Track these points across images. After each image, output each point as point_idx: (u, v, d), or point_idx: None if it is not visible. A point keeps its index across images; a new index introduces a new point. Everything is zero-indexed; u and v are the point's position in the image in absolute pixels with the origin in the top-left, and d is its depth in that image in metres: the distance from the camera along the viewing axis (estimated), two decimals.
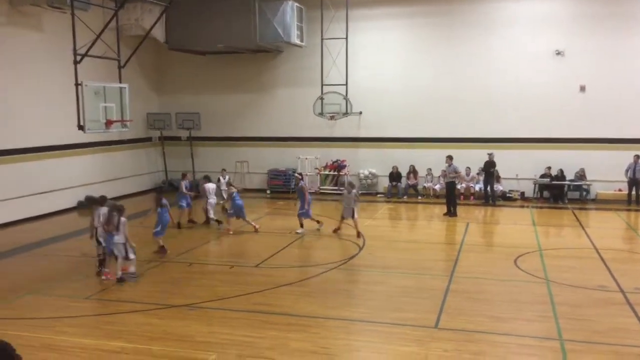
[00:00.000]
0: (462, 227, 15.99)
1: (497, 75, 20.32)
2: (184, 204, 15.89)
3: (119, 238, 10.94)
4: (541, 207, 19.20)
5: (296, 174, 18.44)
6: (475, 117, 20.56)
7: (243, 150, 22.90)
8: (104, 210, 11.35)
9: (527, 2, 20.06)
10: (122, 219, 11.00)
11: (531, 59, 19.98)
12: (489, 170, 19.29)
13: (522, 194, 20.38)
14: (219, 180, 17.25)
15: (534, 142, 20.15)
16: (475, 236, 15.10)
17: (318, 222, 15.39)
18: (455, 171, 17.74)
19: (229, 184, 16.65)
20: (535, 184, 20.23)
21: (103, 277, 11.20)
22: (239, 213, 15.04)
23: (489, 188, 19.53)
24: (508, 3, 20.23)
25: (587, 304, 9.62)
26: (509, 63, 20.19)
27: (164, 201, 12.91)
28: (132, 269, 11.21)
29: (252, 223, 15.18)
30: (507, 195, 20.24)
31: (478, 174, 20.22)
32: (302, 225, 15.13)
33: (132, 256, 11.09)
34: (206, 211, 15.97)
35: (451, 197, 17.73)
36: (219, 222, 15.88)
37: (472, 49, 20.50)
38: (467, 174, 20.52)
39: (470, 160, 20.25)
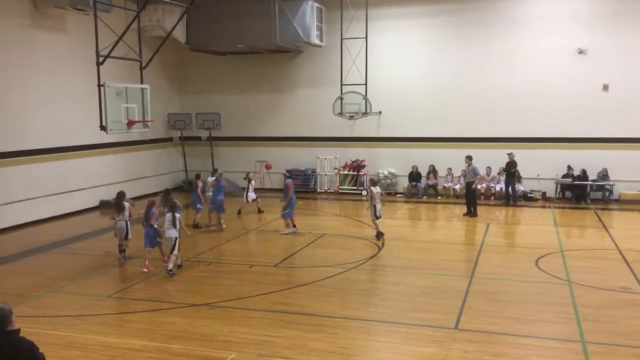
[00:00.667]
0: (483, 228, 15.87)
1: (518, 74, 20.12)
2: (199, 205, 15.88)
3: (173, 233, 11.44)
4: (563, 208, 18.97)
5: (284, 172, 18.32)
6: (496, 117, 20.39)
7: (263, 150, 22.99)
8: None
9: (548, 0, 19.83)
10: (177, 215, 11.54)
11: (553, 58, 19.75)
12: (510, 171, 19.10)
13: (544, 194, 20.15)
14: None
15: (555, 142, 19.92)
16: (496, 237, 14.98)
17: (294, 226, 15.18)
18: (475, 172, 17.52)
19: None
20: (557, 184, 20.00)
21: (144, 270, 11.66)
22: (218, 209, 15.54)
23: (510, 188, 19.34)
24: (529, 1, 20.03)
25: (610, 306, 9.50)
26: (531, 62, 19.98)
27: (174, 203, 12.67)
28: (169, 265, 11.52)
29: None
30: (529, 195, 20.03)
31: (499, 174, 20.04)
32: (294, 225, 15.14)
33: (176, 252, 11.54)
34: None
35: (471, 198, 17.58)
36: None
37: (492, 48, 20.33)
38: (488, 174, 20.38)
39: (491, 160, 20.11)
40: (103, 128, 13.25)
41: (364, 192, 21.33)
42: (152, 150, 22.36)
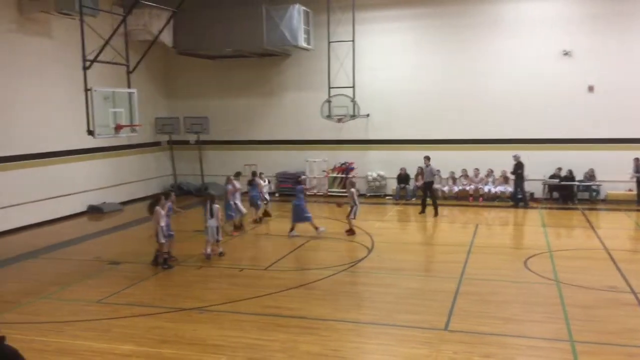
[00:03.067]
0: (472, 229, 15.95)
1: (504, 76, 20.28)
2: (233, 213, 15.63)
3: (212, 222, 12.61)
4: (551, 208, 19.13)
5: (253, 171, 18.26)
6: (482, 118, 20.52)
7: (252, 153, 22.96)
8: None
9: (533, 2, 20.02)
10: (215, 206, 12.64)
11: (538, 59, 19.93)
12: (518, 172, 19.14)
13: (532, 194, 20.29)
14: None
15: (542, 143, 20.08)
16: (484, 238, 15.05)
17: (241, 227, 15.89)
18: (432, 172, 18.17)
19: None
20: (544, 185, 20.16)
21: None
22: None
23: (518, 190, 19.32)
24: (514, 4, 20.20)
25: (598, 305, 9.58)
26: (516, 63, 20.14)
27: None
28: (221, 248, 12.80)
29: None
30: (517, 196, 20.14)
31: (506, 176, 20.00)
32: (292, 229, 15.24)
33: (220, 238, 12.88)
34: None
35: (431, 197, 18.12)
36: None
37: (478, 51, 20.48)
38: (476, 175, 20.51)
39: (479, 161, 20.29)
40: (90, 133, 13.20)
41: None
42: (140, 154, 22.26)
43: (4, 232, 15.63)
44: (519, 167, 19.06)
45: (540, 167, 19.96)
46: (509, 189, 20.07)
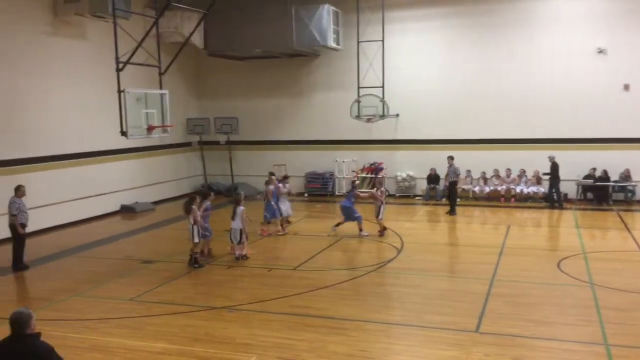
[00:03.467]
0: (503, 230, 15.75)
1: (537, 75, 19.93)
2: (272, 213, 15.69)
3: (235, 224, 12.53)
4: (585, 209, 18.75)
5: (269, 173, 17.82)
6: (514, 118, 20.22)
7: (281, 153, 23.05)
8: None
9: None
10: (240, 208, 12.59)
11: (572, 58, 19.54)
12: (555, 173, 18.84)
13: (565, 195, 19.92)
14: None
15: (576, 143, 19.68)
16: (516, 239, 14.84)
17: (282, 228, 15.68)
18: (456, 172, 18.10)
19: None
20: (578, 186, 19.78)
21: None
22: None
23: (553, 191, 19.02)
24: (546, 1, 19.86)
25: (634, 308, 9.37)
26: (549, 62, 19.78)
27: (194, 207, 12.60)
28: (244, 251, 12.76)
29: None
30: (552, 197, 19.80)
31: (542, 176, 19.71)
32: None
33: (244, 240, 12.72)
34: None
35: (453, 197, 18.14)
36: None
37: (510, 49, 20.17)
38: (508, 175, 20.23)
39: (511, 161, 20.00)
40: (123, 133, 13.41)
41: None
42: (172, 155, 22.56)
43: (40, 231, 15.98)
44: (554, 168, 18.74)
45: (574, 167, 19.56)
46: (542, 189, 19.76)
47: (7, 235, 12.85)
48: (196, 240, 12.29)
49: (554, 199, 19.00)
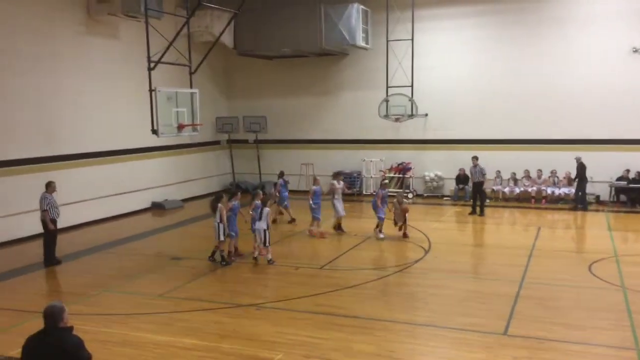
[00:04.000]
0: (533, 232, 15.53)
1: (569, 75, 19.58)
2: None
3: (261, 224, 12.36)
4: (617, 212, 18.36)
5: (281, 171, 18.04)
6: (545, 118, 19.90)
7: (308, 152, 23.12)
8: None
9: None
10: (266, 209, 12.45)
11: (606, 57, 19.13)
12: (582, 175, 18.51)
13: (597, 197, 19.54)
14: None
15: (609, 144, 19.28)
16: (547, 241, 14.62)
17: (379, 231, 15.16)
18: (482, 172, 17.89)
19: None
20: (611, 187, 19.38)
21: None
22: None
23: (580, 193, 18.69)
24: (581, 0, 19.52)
25: None
26: (582, 61, 19.41)
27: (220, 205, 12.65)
28: (269, 255, 12.52)
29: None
30: (578, 199, 19.44)
31: (570, 177, 19.39)
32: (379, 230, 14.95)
33: (268, 245, 12.46)
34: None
35: (480, 197, 17.94)
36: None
37: (542, 48, 19.85)
38: (539, 177, 19.92)
39: (542, 161, 19.67)
40: (154, 132, 13.58)
41: (410, 195, 21.20)
42: (201, 153, 22.81)
43: (72, 227, 16.32)
44: (581, 169, 18.41)
45: (606, 168, 19.19)
46: (573, 190, 19.41)
47: (40, 230, 13.13)
48: (222, 238, 12.40)
49: (578, 201, 18.68)
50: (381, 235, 14.86)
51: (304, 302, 10.02)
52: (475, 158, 18.01)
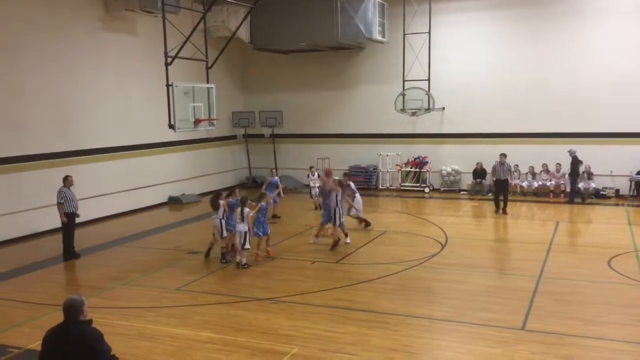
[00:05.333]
0: (552, 226, 15.38)
1: (589, 68, 19.30)
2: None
3: (242, 227, 11.76)
4: (638, 206, 18.11)
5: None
6: (564, 111, 19.65)
7: (324, 147, 23.09)
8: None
9: None
10: (246, 209, 11.86)
11: (625, 50, 18.82)
12: (575, 169, 18.41)
13: (617, 191, 19.29)
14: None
15: (629, 137, 19.00)
16: (565, 235, 14.48)
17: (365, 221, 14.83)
18: (510, 170, 17.41)
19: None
20: (631, 181, 19.11)
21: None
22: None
23: (575, 186, 18.63)
24: None
25: None
26: (601, 55, 19.11)
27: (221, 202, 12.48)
28: (243, 260, 11.92)
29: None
30: (601, 192, 19.21)
31: (589, 172, 19.21)
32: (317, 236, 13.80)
33: (247, 246, 11.91)
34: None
35: (504, 194, 17.25)
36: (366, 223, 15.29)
37: (560, 41, 19.59)
38: (558, 171, 19.70)
39: (559, 155, 19.41)
40: (171, 126, 13.66)
41: (426, 190, 21.12)
42: (217, 147, 22.90)
43: (91, 221, 16.49)
44: (574, 163, 18.27)
45: (627, 162, 18.93)
46: (593, 184, 19.19)
47: (59, 224, 13.27)
48: (225, 234, 12.23)
49: (575, 194, 18.60)
50: (348, 240, 13.67)
51: (320, 296, 10.03)
52: (503, 155, 17.09)
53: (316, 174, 17.88)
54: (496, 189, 17.55)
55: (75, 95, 16.54)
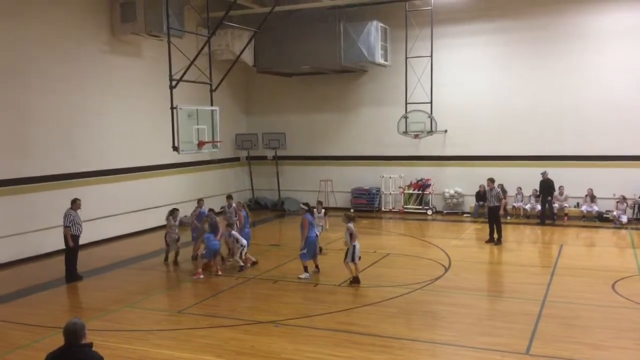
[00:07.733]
0: (556, 250, 15.32)
1: (589, 91, 19.40)
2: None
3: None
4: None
5: (301, 205, 13.95)
6: (567, 134, 19.71)
7: (327, 169, 23.16)
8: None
9: (620, 12, 19.01)
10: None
11: (627, 74, 18.93)
12: (546, 190, 18.63)
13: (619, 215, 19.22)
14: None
15: (633, 160, 19.01)
16: (569, 259, 14.40)
17: (316, 267, 13.16)
18: (499, 196, 16.06)
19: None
20: (635, 205, 19.07)
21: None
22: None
23: (546, 207, 18.88)
24: (599, 16, 19.32)
25: None
26: (603, 78, 19.22)
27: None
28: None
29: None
30: (604, 216, 19.16)
31: (592, 195, 19.21)
32: (306, 269, 12.85)
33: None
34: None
35: (496, 222, 16.11)
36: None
37: (561, 65, 19.73)
38: (561, 193, 19.66)
39: (562, 178, 19.40)
40: (175, 149, 13.72)
41: (429, 212, 21.10)
42: (221, 169, 22.96)
43: (93, 243, 16.48)
44: (545, 185, 18.44)
45: (630, 185, 18.89)
46: (596, 207, 19.15)
47: (63, 246, 13.28)
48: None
49: (543, 217, 18.72)
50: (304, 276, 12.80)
51: (323, 319, 9.98)
52: (491, 180, 16.15)
53: (323, 211, 15.53)
54: (488, 216, 16.80)
55: (82, 118, 16.69)
